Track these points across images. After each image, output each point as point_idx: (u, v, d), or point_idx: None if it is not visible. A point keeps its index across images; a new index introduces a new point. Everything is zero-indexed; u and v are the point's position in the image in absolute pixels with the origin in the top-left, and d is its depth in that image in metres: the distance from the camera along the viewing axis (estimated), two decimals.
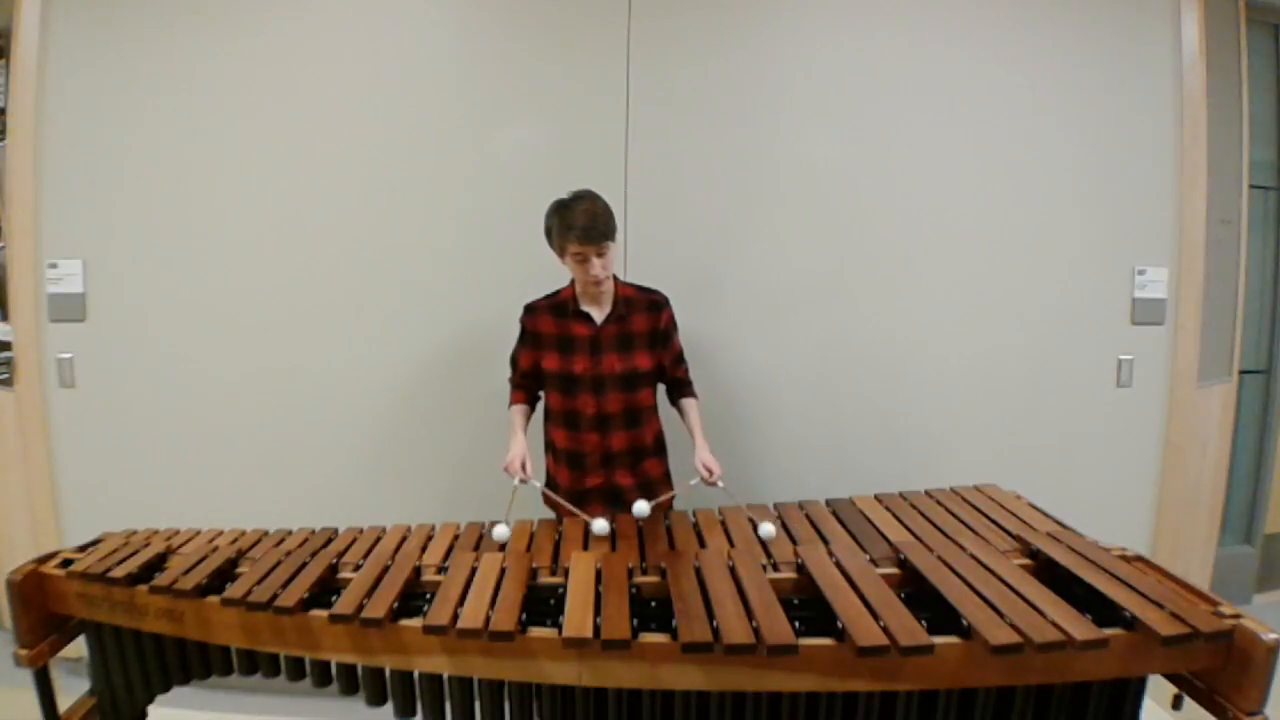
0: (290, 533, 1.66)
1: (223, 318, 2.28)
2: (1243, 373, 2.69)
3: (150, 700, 1.58)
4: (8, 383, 2.34)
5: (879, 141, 2.27)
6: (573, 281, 1.83)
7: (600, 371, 1.80)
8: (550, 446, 1.92)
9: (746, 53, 2.23)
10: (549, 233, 1.76)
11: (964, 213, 2.30)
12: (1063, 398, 2.38)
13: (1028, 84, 2.28)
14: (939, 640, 1.15)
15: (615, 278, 1.84)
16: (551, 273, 1.87)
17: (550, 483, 1.93)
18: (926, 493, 1.80)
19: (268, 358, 2.29)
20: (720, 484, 1.73)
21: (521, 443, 1.78)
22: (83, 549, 1.61)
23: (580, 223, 1.68)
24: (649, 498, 1.84)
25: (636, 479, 1.86)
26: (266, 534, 1.66)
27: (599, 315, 1.82)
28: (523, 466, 1.71)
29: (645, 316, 1.84)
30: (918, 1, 2.25)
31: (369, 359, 2.30)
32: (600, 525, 1.60)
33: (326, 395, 2.31)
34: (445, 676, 1.33)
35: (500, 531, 1.58)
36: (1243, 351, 2.64)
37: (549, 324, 1.84)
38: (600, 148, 2.23)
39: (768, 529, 1.55)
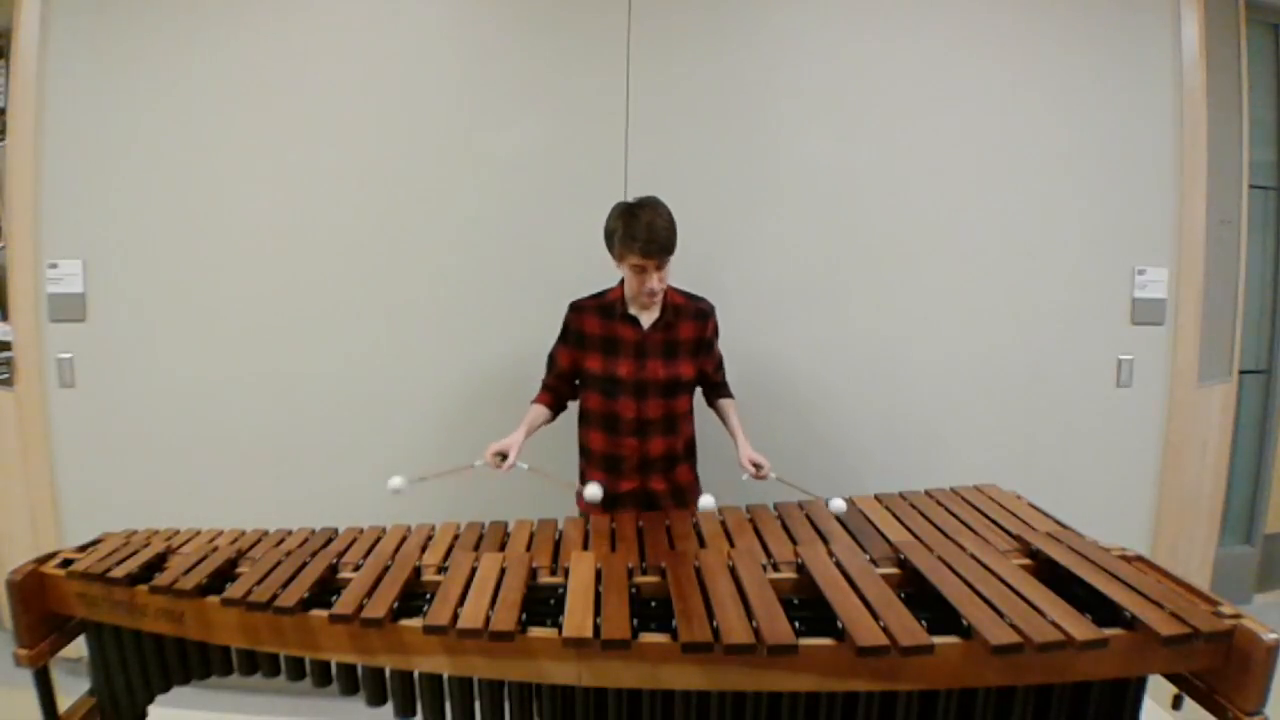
0: (290, 533, 1.66)
1: (223, 318, 2.28)
2: (1243, 373, 2.69)
3: (150, 700, 1.57)
4: (8, 383, 2.34)
5: (879, 141, 2.27)
6: (621, 283, 1.82)
7: (644, 376, 1.79)
8: (585, 450, 1.90)
9: (746, 52, 2.24)
10: (610, 236, 1.73)
11: (964, 212, 2.30)
12: (1063, 398, 2.38)
13: (1028, 84, 2.28)
14: (939, 640, 1.15)
15: None
16: (552, 273, 1.87)
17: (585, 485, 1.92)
18: (926, 493, 1.80)
19: (268, 357, 2.29)
20: (772, 475, 1.73)
21: (518, 437, 1.74)
22: (83, 549, 1.60)
23: (644, 236, 1.65)
24: (680, 504, 1.84)
25: (669, 484, 1.86)
26: (266, 534, 1.66)
27: (646, 320, 1.81)
28: (502, 456, 1.68)
29: (692, 325, 1.84)
30: (918, 1, 2.25)
31: (369, 359, 2.30)
32: (593, 491, 1.62)
33: (326, 395, 2.31)
34: (445, 676, 1.33)
35: (395, 482, 1.61)
36: (1243, 351, 2.64)
37: (595, 325, 1.82)
38: (601, 147, 2.23)
39: (838, 504, 1.60)
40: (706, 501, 1.60)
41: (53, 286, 2.26)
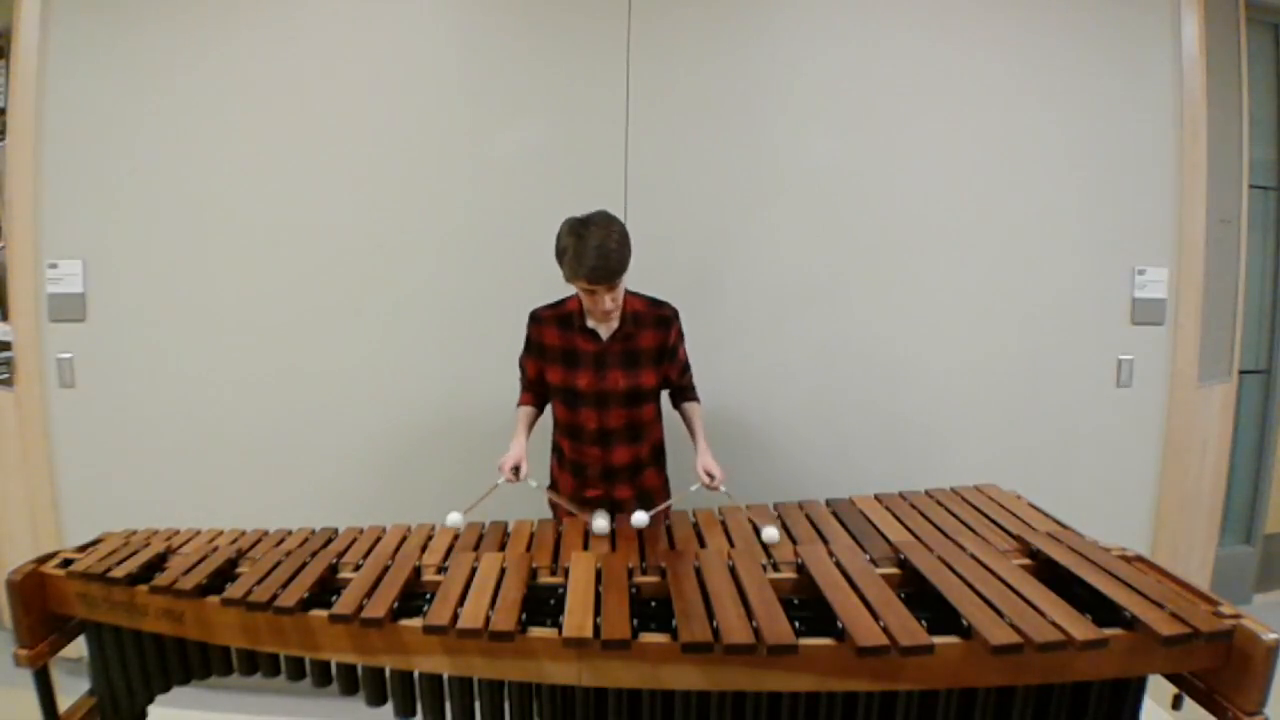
0: (290, 533, 1.66)
1: (222, 318, 2.28)
2: (1243, 373, 2.69)
3: (150, 700, 1.57)
4: (8, 383, 2.34)
5: (879, 141, 2.27)
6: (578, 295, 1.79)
7: (604, 387, 1.77)
8: (556, 450, 1.91)
9: (747, 52, 2.24)
10: (560, 255, 1.65)
11: (964, 213, 2.30)
12: (1062, 398, 2.38)
13: (1028, 84, 2.28)
14: (939, 640, 1.15)
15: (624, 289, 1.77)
16: (551, 273, 1.86)
17: (554, 486, 1.92)
18: (926, 493, 1.80)
19: (268, 358, 2.29)
20: (722, 489, 1.70)
21: (520, 445, 1.76)
22: (83, 549, 1.61)
23: (591, 261, 1.58)
24: (647, 508, 1.83)
25: (635, 490, 1.85)
26: (266, 534, 1.66)
27: (605, 331, 1.77)
28: (516, 470, 1.69)
29: (653, 333, 1.79)
30: (918, 2, 2.25)
31: (369, 359, 2.30)
32: (600, 524, 1.61)
33: (326, 395, 2.31)
34: (445, 676, 1.34)
35: (453, 518, 1.59)
36: (1243, 351, 2.64)
37: (554, 336, 1.80)
38: (600, 147, 2.24)
39: (771, 533, 1.53)
40: (639, 518, 1.57)
41: (53, 286, 2.26)
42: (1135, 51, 2.29)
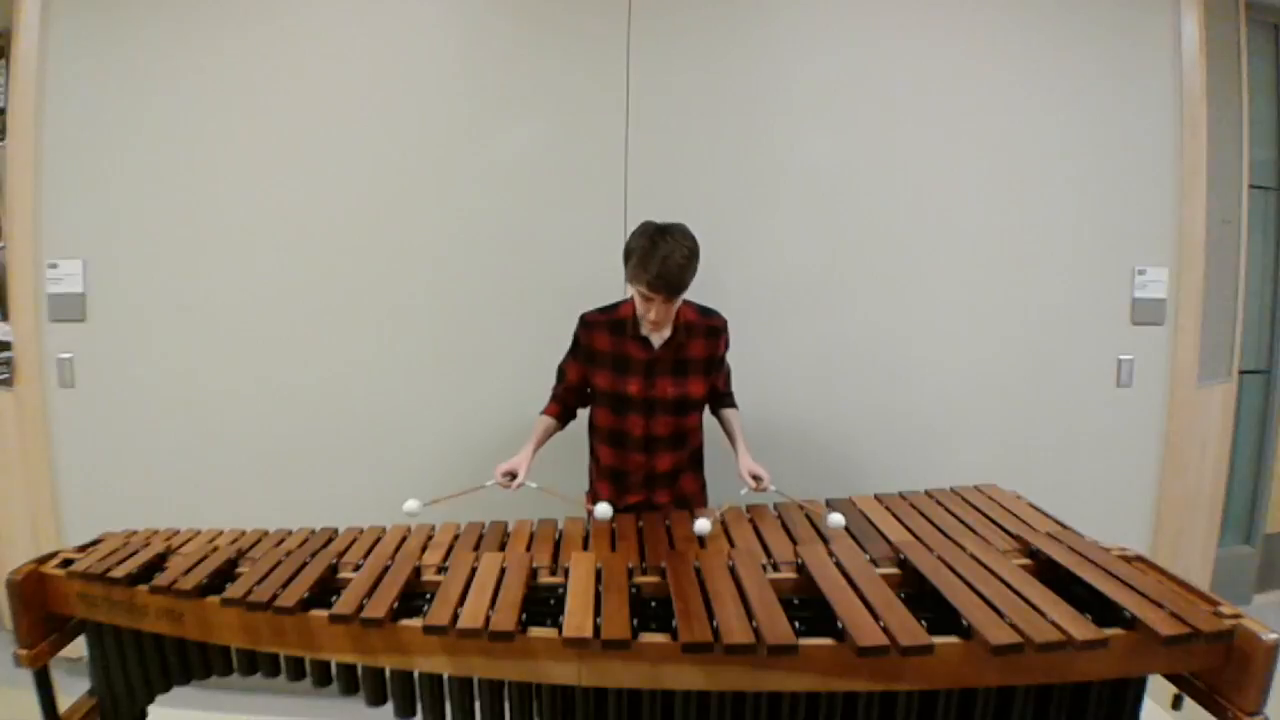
0: (290, 533, 1.66)
1: (222, 318, 2.28)
2: (1243, 373, 2.69)
3: (150, 700, 1.57)
4: (8, 383, 2.34)
5: (879, 141, 2.27)
6: (633, 298, 1.77)
7: (653, 395, 1.77)
8: (594, 456, 1.91)
9: (747, 52, 2.24)
10: (628, 255, 1.67)
11: (964, 212, 2.30)
12: (1063, 398, 2.38)
13: (1028, 84, 2.28)
14: (939, 640, 1.15)
15: None
16: (551, 275, 1.86)
17: (593, 493, 1.90)
18: (926, 493, 1.80)
19: (268, 357, 2.29)
20: (771, 488, 1.71)
21: (526, 455, 1.73)
22: (83, 549, 1.60)
23: (654, 270, 1.60)
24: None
25: (674, 496, 1.86)
26: (266, 534, 1.66)
27: (657, 340, 1.77)
28: (512, 476, 1.68)
29: (704, 343, 1.80)
30: (918, 1, 2.25)
31: (369, 359, 2.30)
32: (603, 510, 1.60)
33: (326, 395, 2.31)
34: (445, 676, 1.33)
35: (410, 505, 1.61)
36: (1243, 351, 2.64)
37: (605, 341, 1.79)
38: (601, 147, 2.24)
39: (837, 519, 1.55)
40: (701, 526, 1.53)
41: (53, 286, 2.26)
42: (1135, 51, 2.29)
